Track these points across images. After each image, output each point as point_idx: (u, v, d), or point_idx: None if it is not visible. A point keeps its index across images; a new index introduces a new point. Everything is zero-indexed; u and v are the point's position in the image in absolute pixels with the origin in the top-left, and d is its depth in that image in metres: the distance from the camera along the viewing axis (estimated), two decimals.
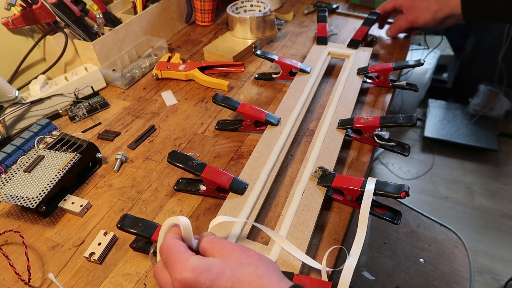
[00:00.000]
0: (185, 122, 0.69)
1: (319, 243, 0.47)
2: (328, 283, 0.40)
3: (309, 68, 0.75)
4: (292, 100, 0.67)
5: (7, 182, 0.52)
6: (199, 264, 0.33)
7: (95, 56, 0.76)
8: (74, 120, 0.71)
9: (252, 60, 0.85)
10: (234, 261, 0.34)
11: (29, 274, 0.45)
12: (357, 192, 0.48)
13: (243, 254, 0.35)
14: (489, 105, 1.84)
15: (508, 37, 1.60)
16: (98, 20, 0.79)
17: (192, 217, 0.51)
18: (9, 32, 0.75)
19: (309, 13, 1.02)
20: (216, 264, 0.34)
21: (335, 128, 0.61)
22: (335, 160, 0.55)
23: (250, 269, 0.33)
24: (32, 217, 0.53)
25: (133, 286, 0.44)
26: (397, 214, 0.49)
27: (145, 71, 0.83)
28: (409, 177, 1.76)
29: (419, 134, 1.95)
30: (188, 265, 0.33)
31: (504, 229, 1.52)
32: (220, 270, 0.33)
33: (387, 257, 0.91)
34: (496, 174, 1.75)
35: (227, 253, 0.35)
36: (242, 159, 0.60)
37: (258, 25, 0.85)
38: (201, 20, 1.00)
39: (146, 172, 0.59)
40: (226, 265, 0.34)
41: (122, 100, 0.76)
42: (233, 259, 0.34)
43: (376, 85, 0.73)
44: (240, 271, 0.33)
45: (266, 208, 0.52)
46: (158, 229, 0.43)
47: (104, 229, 0.49)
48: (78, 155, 0.55)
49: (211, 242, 0.37)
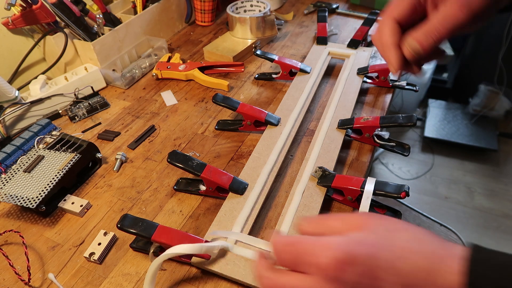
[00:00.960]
0: (185, 122, 0.69)
1: None
2: None
3: (309, 68, 0.75)
4: (292, 100, 0.67)
5: (7, 182, 0.52)
6: (342, 240, 0.27)
7: (95, 56, 0.76)
8: (74, 120, 0.71)
9: (252, 60, 0.85)
10: (380, 229, 0.28)
11: (29, 274, 0.45)
12: (357, 192, 0.48)
13: (385, 221, 0.29)
14: (489, 105, 1.84)
15: (508, 37, 1.60)
16: (98, 20, 0.79)
17: (192, 217, 0.51)
18: (9, 32, 0.75)
19: (309, 13, 1.02)
20: (361, 236, 0.27)
21: (335, 128, 0.61)
22: (335, 160, 0.55)
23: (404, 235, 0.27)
24: (32, 217, 0.53)
25: (133, 286, 0.44)
26: (397, 214, 0.49)
27: (145, 71, 0.83)
28: (409, 177, 1.76)
29: (419, 134, 1.95)
30: (331, 244, 0.27)
31: (504, 229, 1.52)
32: (372, 240, 0.27)
33: None
34: (496, 174, 1.74)
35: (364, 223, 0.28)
36: (242, 159, 0.60)
37: (258, 25, 0.85)
38: (201, 20, 1.00)
39: (146, 172, 0.59)
40: (375, 235, 0.27)
41: (122, 100, 0.76)
42: (378, 228, 0.28)
43: (376, 85, 0.73)
44: (396, 237, 0.27)
45: (266, 208, 0.52)
46: (158, 229, 0.43)
47: (104, 229, 0.49)
48: (78, 155, 0.55)
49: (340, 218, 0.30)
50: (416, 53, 0.36)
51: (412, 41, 0.36)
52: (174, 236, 0.43)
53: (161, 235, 0.43)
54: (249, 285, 0.42)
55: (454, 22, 0.34)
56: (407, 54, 0.37)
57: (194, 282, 0.44)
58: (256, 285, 0.41)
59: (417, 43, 0.36)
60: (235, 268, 0.43)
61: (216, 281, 0.44)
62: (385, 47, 0.38)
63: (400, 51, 0.37)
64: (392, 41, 0.37)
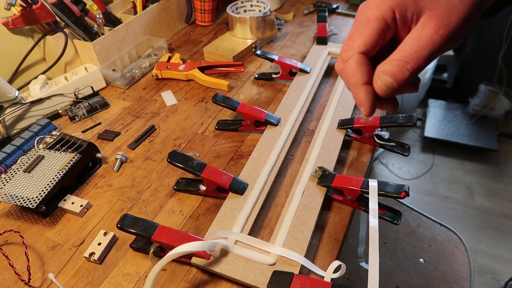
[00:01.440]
0: (185, 122, 0.69)
1: (319, 243, 0.47)
2: (329, 283, 0.40)
3: (309, 68, 0.75)
4: (292, 100, 0.67)
5: (7, 182, 0.52)
6: None
7: (95, 56, 0.76)
8: (74, 120, 0.71)
9: (252, 60, 0.85)
10: None
11: (29, 274, 0.45)
12: (357, 192, 0.48)
13: None
14: (489, 105, 1.84)
15: (508, 37, 1.60)
16: (98, 20, 0.79)
17: (192, 217, 0.51)
18: (9, 32, 0.75)
19: (309, 13, 1.02)
20: None
21: (335, 128, 0.61)
22: (335, 160, 0.55)
23: None
24: (32, 217, 0.53)
25: (133, 286, 0.44)
26: (397, 214, 0.49)
27: (145, 71, 0.83)
28: (409, 177, 1.76)
29: (419, 134, 1.95)
30: None
31: (504, 229, 1.52)
32: None
33: (387, 257, 0.91)
34: (496, 174, 1.74)
35: None
36: (242, 159, 0.60)
37: (258, 25, 0.85)
38: (201, 20, 1.00)
39: (146, 172, 0.59)
40: None
41: (122, 100, 0.76)
42: None
43: None
44: None
45: (266, 208, 0.52)
46: (158, 229, 0.43)
47: (104, 229, 0.49)
48: (78, 155, 0.55)
49: None
50: (391, 89, 0.29)
51: (384, 77, 0.29)
52: (174, 236, 0.43)
53: (161, 235, 0.43)
54: (249, 285, 0.42)
55: (432, 48, 0.28)
56: (380, 91, 0.30)
57: (194, 282, 0.44)
58: (256, 285, 0.41)
59: (390, 77, 0.29)
60: (235, 268, 0.43)
61: (216, 281, 0.44)
62: (352, 86, 0.31)
63: (371, 89, 0.30)
64: (360, 80, 0.30)
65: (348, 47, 0.31)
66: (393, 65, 0.29)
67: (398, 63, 0.29)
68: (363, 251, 0.59)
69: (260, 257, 0.43)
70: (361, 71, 0.30)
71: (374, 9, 0.29)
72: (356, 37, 0.30)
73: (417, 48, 0.28)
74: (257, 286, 0.41)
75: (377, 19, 0.29)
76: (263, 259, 0.43)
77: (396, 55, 0.29)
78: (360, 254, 0.60)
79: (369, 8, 0.30)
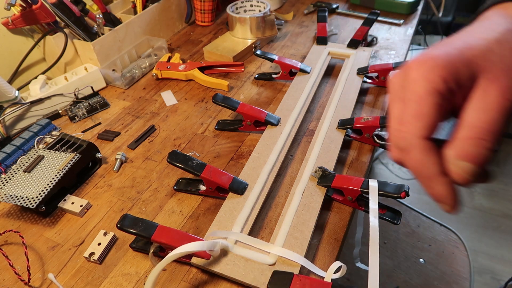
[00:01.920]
0: (185, 122, 0.69)
1: (319, 243, 0.47)
2: (328, 283, 0.40)
3: (309, 68, 0.75)
4: (292, 100, 0.67)
5: (7, 182, 0.52)
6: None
7: (95, 56, 0.76)
8: (74, 120, 0.71)
9: (252, 60, 0.85)
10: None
11: (29, 274, 0.45)
12: (357, 192, 0.48)
13: None
14: None
15: None
16: (98, 20, 0.79)
17: (192, 217, 0.51)
18: (9, 32, 0.75)
19: (309, 13, 1.02)
20: None
21: (335, 128, 0.61)
22: (335, 160, 0.55)
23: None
24: (32, 217, 0.53)
25: (133, 286, 0.44)
26: (397, 214, 0.49)
27: (145, 71, 0.83)
28: (409, 177, 1.76)
29: None
30: None
31: (504, 229, 1.52)
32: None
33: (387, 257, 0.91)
34: (496, 174, 1.75)
35: None
36: (242, 159, 0.60)
37: (258, 25, 0.85)
38: (201, 20, 1.00)
39: (146, 172, 0.59)
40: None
41: (122, 100, 0.76)
42: None
43: (376, 85, 0.73)
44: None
45: (266, 208, 0.52)
46: (158, 229, 0.43)
47: (104, 229, 0.49)
48: (78, 155, 0.55)
49: None
50: (470, 174, 0.25)
51: (462, 163, 0.24)
52: (174, 236, 0.43)
53: (161, 235, 0.42)
54: (249, 285, 0.42)
55: (503, 115, 0.24)
56: (461, 179, 0.25)
57: (194, 282, 0.44)
58: (255, 285, 0.41)
59: (469, 162, 0.24)
60: (235, 268, 0.43)
61: (216, 281, 0.44)
62: (424, 181, 0.26)
63: (448, 180, 0.26)
64: (432, 172, 0.26)
65: (403, 133, 0.26)
66: (468, 145, 0.24)
67: (472, 142, 0.24)
68: (358, 252, 0.59)
69: (260, 257, 0.43)
70: (431, 161, 0.26)
71: (421, 82, 0.25)
72: (410, 120, 0.26)
73: (487, 120, 0.24)
74: (257, 286, 0.41)
75: (431, 94, 0.25)
76: (263, 259, 0.43)
77: (464, 132, 0.25)
78: (356, 255, 0.60)
79: (415, 82, 0.25)
